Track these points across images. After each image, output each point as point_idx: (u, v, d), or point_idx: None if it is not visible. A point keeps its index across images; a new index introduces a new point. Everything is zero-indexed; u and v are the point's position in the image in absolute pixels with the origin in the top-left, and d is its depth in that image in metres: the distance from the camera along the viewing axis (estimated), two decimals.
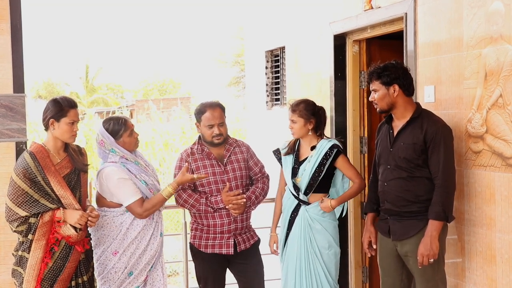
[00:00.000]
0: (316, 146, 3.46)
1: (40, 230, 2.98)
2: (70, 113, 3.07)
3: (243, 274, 3.58)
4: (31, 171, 2.98)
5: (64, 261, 3.03)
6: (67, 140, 3.12)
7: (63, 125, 3.07)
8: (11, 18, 3.98)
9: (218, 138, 3.45)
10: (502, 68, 2.96)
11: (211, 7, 56.89)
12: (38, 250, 2.98)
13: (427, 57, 3.55)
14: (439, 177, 3.01)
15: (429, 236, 2.99)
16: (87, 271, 3.16)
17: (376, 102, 3.17)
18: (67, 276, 3.05)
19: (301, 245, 3.46)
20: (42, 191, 2.99)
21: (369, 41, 4.61)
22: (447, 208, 3.02)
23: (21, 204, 2.96)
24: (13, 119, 3.94)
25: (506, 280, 3.00)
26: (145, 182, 3.29)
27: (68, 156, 3.14)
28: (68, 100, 3.13)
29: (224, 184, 3.45)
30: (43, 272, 2.99)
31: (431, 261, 3.01)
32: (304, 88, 5.36)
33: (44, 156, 3.03)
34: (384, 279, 3.35)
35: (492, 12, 3.02)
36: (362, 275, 4.77)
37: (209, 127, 3.45)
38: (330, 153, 3.42)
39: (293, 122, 3.47)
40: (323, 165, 3.42)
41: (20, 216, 2.96)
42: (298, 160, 3.52)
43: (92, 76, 31.64)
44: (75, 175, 3.13)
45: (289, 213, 3.51)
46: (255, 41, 7.15)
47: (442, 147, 3.02)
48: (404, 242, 3.14)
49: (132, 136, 3.33)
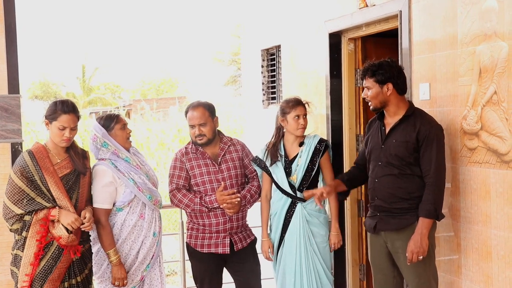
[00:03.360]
0: (304, 142, 3.51)
1: (34, 227, 2.98)
2: (60, 118, 3.04)
3: (239, 274, 3.58)
4: (29, 169, 2.99)
5: (55, 261, 3.02)
6: (58, 144, 3.10)
7: (54, 128, 3.07)
8: (5, 18, 3.97)
9: (200, 138, 3.45)
10: (496, 65, 2.97)
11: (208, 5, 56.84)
12: (31, 248, 2.98)
13: (422, 54, 3.56)
14: (430, 176, 3.02)
15: (419, 234, 3.00)
16: (81, 272, 3.14)
17: (369, 99, 3.18)
18: (57, 276, 3.03)
19: (300, 244, 3.46)
20: (39, 190, 3.00)
21: (364, 39, 4.61)
22: (438, 207, 3.04)
23: (17, 202, 2.97)
24: (8, 120, 3.94)
25: (502, 276, 3.00)
26: (133, 180, 3.27)
27: (69, 157, 3.13)
28: (65, 104, 3.09)
29: (218, 183, 3.45)
30: (35, 270, 2.98)
31: (420, 258, 3.02)
32: (300, 87, 5.36)
33: (43, 156, 3.04)
34: (376, 277, 3.36)
35: (486, 9, 3.03)
36: (360, 272, 4.77)
37: (191, 128, 3.47)
38: (320, 147, 3.48)
39: (303, 118, 3.49)
40: (315, 160, 3.47)
41: (16, 214, 2.97)
42: (288, 160, 3.52)
43: (88, 76, 31.60)
44: (73, 176, 3.12)
45: (283, 214, 3.51)
46: (251, 40, 7.15)
47: (435, 146, 3.03)
48: (395, 238, 3.15)
49: (124, 130, 3.33)
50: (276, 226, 3.55)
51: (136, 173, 3.31)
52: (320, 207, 3.40)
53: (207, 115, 3.46)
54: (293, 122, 3.46)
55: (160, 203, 3.43)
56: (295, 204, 3.49)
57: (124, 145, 3.33)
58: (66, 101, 3.12)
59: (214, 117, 3.51)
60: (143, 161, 3.46)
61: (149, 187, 3.35)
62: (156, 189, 3.42)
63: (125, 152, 3.32)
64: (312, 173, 3.47)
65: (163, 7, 63.73)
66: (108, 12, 59.28)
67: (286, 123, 3.49)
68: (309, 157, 3.46)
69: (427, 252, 3.02)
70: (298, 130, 3.47)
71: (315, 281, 3.48)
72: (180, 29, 59.12)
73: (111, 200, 3.26)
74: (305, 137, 3.53)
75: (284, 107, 3.51)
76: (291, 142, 3.53)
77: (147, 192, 3.32)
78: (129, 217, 3.29)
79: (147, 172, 3.40)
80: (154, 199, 3.36)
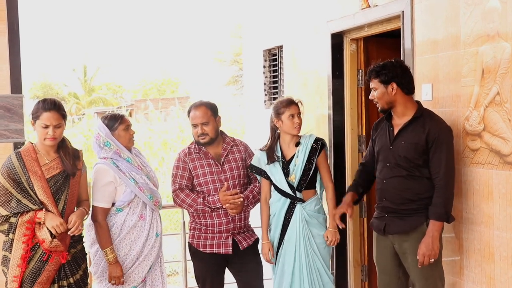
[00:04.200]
0: (300, 141, 3.50)
1: (20, 229, 2.96)
2: (42, 116, 3.00)
3: (242, 274, 3.57)
4: (15, 171, 2.97)
5: (43, 263, 2.99)
6: (43, 143, 3.05)
7: (38, 127, 3.03)
8: (8, 19, 3.97)
9: (202, 138, 3.45)
10: (499, 66, 2.96)
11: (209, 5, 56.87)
12: (18, 250, 2.96)
13: (424, 55, 3.55)
14: (440, 178, 3.01)
15: (430, 237, 2.99)
16: (73, 273, 3.10)
17: (376, 100, 3.18)
18: (45, 279, 3.00)
19: (300, 244, 3.46)
20: (25, 192, 2.97)
21: (366, 39, 4.61)
22: (448, 209, 3.03)
23: (3, 204, 2.95)
24: (11, 120, 3.94)
25: (504, 277, 3.00)
26: (134, 180, 3.28)
27: (59, 157, 3.10)
28: (46, 102, 3.05)
29: (221, 183, 3.45)
30: (23, 272, 2.96)
31: (432, 261, 3.01)
32: (302, 87, 5.36)
33: (31, 158, 3.00)
34: (381, 277, 3.35)
35: (488, 10, 3.02)
36: (361, 273, 4.77)
37: (194, 127, 3.48)
38: (317, 146, 3.48)
39: (298, 116, 3.49)
40: (312, 159, 3.46)
41: (1, 215, 2.95)
42: (285, 161, 3.52)
43: (90, 76, 31.63)
44: (62, 177, 3.07)
45: (282, 214, 3.50)
46: (253, 40, 7.15)
47: (445, 148, 3.02)
48: (403, 239, 3.14)
49: (127, 131, 3.34)
50: (275, 226, 3.53)
51: (137, 173, 3.31)
52: (341, 226, 3.41)
53: (210, 114, 3.46)
54: (288, 122, 3.46)
55: (160, 203, 3.43)
56: (294, 205, 3.48)
57: (126, 146, 3.33)
58: (48, 99, 3.08)
59: (216, 117, 3.51)
60: (144, 162, 3.47)
61: (151, 187, 3.36)
62: (156, 190, 3.43)
63: (127, 153, 3.32)
64: (310, 172, 3.47)
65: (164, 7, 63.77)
66: (109, 12, 59.33)
67: (281, 124, 3.49)
68: (306, 157, 3.46)
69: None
70: (294, 128, 3.47)
71: (317, 280, 3.48)
72: (181, 29, 59.16)
73: (109, 200, 3.27)
74: (301, 137, 3.53)
75: (278, 108, 3.51)
76: (287, 143, 3.53)
77: (148, 192, 3.32)
78: (129, 217, 3.29)
79: (148, 174, 3.40)
80: (154, 199, 3.36)
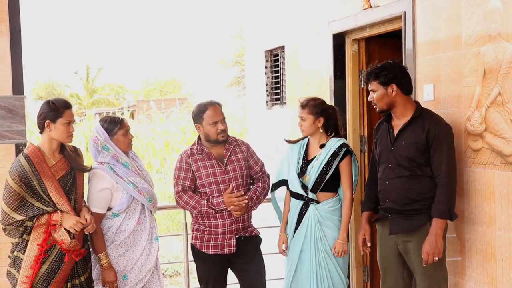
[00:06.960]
0: (325, 144, 3.47)
1: (36, 231, 2.95)
2: (65, 114, 3.05)
3: (244, 274, 3.57)
4: (27, 175, 2.94)
5: (59, 263, 3.01)
6: (65, 141, 3.09)
7: (60, 126, 3.04)
8: (10, 20, 3.98)
9: (223, 134, 3.45)
10: (500, 66, 2.96)
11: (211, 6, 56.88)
12: (33, 251, 2.96)
13: (426, 55, 3.55)
14: (442, 176, 3.01)
15: (434, 235, 3.00)
16: (84, 271, 3.13)
17: (375, 102, 3.17)
18: (62, 278, 3.03)
19: (311, 244, 3.45)
20: (37, 195, 2.96)
21: (368, 40, 4.61)
22: (451, 207, 3.03)
23: (17, 208, 2.93)
24: (13, 121, 3.95)
25: (506, 278, 3.00)
26: (133, 184, 3.27)
27: (64, 157, 3.11)
28: (62, 101, 3.11)
29: (225, 184, 3.44)
30: (36, 273, 2.96)
31: (436, 259, 3.01)
32: (304, 88, 5.36)
33: (40, 160, 3.00)
34: (385, 278, 3.35)
35: (490, 10, 3.02)
36: (363, 274, 4.77)
37: (213, 124, 3.44)
38: (339, 152, 3.42)
39: (302, 119, 3.49)
40: (331, 164, 3.42)
41: (17, 220, 2.93)
42: (306, 159, 3.51)
43: (92, 77, 31.67)
44: (70, 177, 3.09)
45: (296, 213, 3.51)
46: (254, 41, 7.15)
47: (445, 146, 3.02)
48: (407, 239, 3.14)
49: (126, 136, 3.32)
50: (291, 222, 3.56)
51: (135, 178, 3.30)
52: (363, 251, 3.48)
53: (223, 111, 3.50)
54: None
55: (156, 206, 3.44)
56: (308, 205, 3.47)
57: (124, 150, 3.33)
58: (60, 98, 3.15)
59: None
60: (140, 166, 3.45)
61: (149, 190, 3.35)
62: (153, 192, 3.43)
63: (125, 157, 3.30)
64: (326, 176, 3.42)
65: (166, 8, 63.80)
66: (111, 13, 59.38)
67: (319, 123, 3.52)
68: (325, 160, 3.42)
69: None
70: None
71: (326, 281, 3.46)
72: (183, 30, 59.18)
73: (104, 205, 3.25)
74: (329, 140, 3.50)
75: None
76: (315, 142, 3.52)
77: (147, 195, 3.32)
78: (125, 222, 3.27)
79: (144, 178, 3.39)
80: (153, 202, 3.37)
